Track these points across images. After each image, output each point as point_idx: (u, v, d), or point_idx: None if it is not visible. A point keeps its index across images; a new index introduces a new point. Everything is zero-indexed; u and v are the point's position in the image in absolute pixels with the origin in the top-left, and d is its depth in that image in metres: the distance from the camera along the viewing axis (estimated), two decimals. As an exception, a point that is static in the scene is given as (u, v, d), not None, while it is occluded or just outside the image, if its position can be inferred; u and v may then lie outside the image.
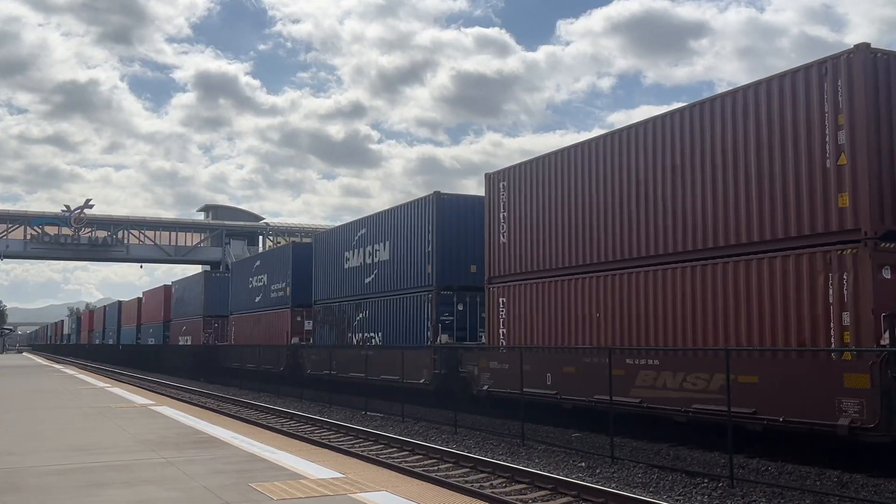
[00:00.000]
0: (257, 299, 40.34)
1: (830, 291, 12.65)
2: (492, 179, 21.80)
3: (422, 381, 23.28)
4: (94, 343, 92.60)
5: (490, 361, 20.59)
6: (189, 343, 51.08)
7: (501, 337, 20.83)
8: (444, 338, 23.41)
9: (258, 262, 41.53)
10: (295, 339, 34.33)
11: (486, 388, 20.40)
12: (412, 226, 26.03)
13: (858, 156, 12.49)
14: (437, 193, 24.66)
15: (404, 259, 26.27)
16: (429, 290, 24.57)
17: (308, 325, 34.64)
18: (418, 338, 24.75)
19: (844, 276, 12.47)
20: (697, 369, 14.57)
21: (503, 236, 21.21)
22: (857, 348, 12.09)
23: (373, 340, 27.43)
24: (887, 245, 12.25)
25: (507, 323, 20.67)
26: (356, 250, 29.90)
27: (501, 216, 21.31)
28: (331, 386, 27.13)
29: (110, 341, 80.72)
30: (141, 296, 69.94)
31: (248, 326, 41.41)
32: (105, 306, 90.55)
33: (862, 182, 12.41)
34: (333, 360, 28.61)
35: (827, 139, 12.95)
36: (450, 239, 24.53)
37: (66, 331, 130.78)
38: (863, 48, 12.58)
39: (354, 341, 28.93)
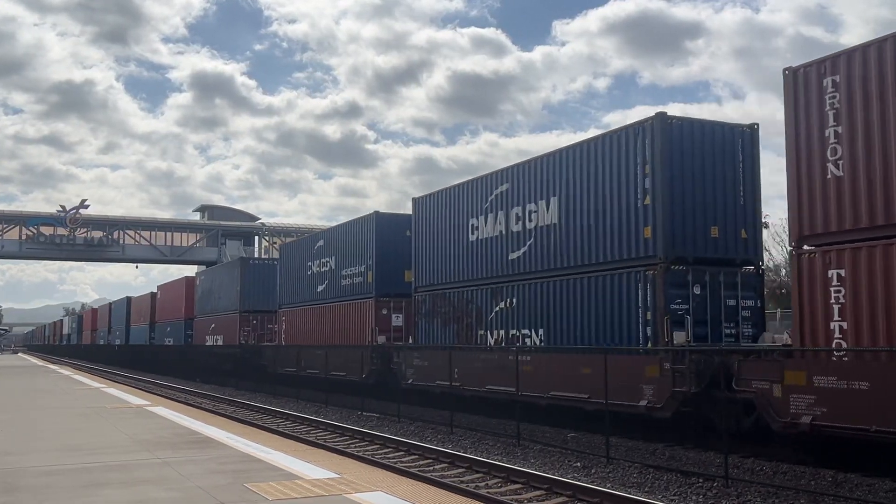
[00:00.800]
0: (320, 288, 31.67)
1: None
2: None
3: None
4: (97, 343, 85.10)
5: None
6: (220, 343, 42.90)
7: (837, 335, 12.45)
8: (679, 337, 15.53)
9: (321, 243, 32.25)
10: (382, 339, 26.59)
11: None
12: (610, 165, 17.35)
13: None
14: (660, 114, 16.33)
15: (592, 219, 17.77)
16: (647, 263, 16.21)
17: (397, 320, 26.92)
18: (620, 335, 16.67)
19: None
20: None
21: (832, 163, 12.93)
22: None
23: (527, 340, 19.56)
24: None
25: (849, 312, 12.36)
26: (492, 215, 21.45)
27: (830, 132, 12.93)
28: (451, 403, 20.07)
29: (117, 342, 72.98)
30: (155, 290, 61.95)
31: (307, 323, 32.63)
32: (111, 303, 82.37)
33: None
34: (455, 368, 21.13)
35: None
36: (681, 180, 16.15)
37: (65, 330, 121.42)
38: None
39: (490, 341, 21.17)
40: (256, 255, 73.74)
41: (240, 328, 39.87)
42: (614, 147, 17.22)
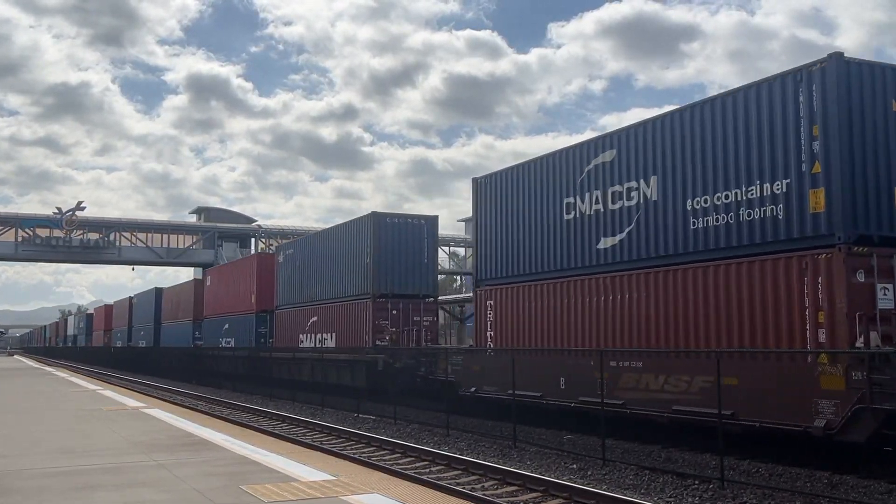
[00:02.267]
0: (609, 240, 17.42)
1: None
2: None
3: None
4: (114, 345, 72.21)
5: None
6: (328, 345, 29.67)
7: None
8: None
9: (610, 152, 17.67)
10: None
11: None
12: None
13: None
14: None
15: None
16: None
17: None
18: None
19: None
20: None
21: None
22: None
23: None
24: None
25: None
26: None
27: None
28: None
29: (143, 343, 60.01)
30: (201, 277, 50.86)
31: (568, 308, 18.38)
32: (131, 297, 68.60)
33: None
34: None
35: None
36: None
37: (71, 331, 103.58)
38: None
39: None
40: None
41: (373, 322, 26.55)
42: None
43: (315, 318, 31.39)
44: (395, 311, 26.86)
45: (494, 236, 21.71)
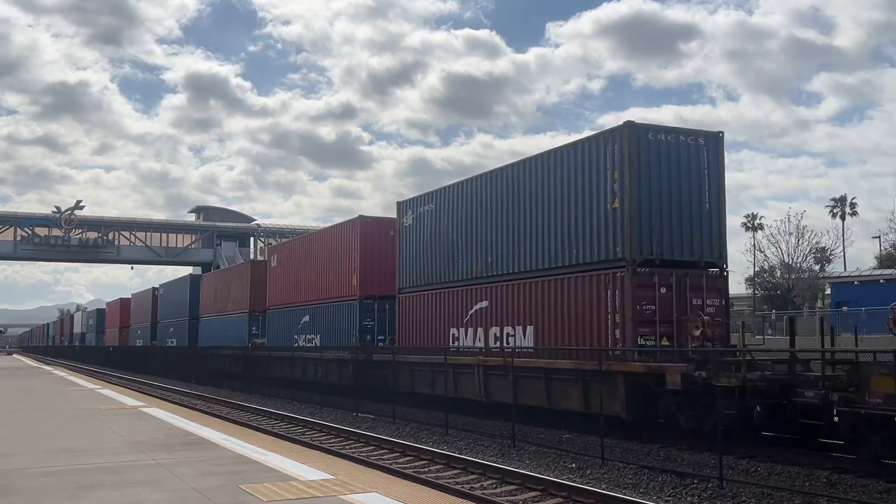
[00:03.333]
0: None
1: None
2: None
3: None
4: (133, 344, 63.43)
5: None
6: (529, 345, 19.26)
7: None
8: None
9: None
10: None
11: None
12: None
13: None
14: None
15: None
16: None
17: None
18: None
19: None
20: None
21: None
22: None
23: None
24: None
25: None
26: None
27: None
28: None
29: (171, 342, 51.29)
30: (264, 257, 43.88)
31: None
32: (156, 288, 58.49)
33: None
34: None
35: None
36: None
37: (78, 329, 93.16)
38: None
39: None
40: (253, 258, 70.25)
41: (633, 306, 16.34)
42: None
43: (483, 305, 21.12)
44: (663, 289, 16.61)
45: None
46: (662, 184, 16.95)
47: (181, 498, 8.55)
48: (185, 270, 78.10)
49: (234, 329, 40.13)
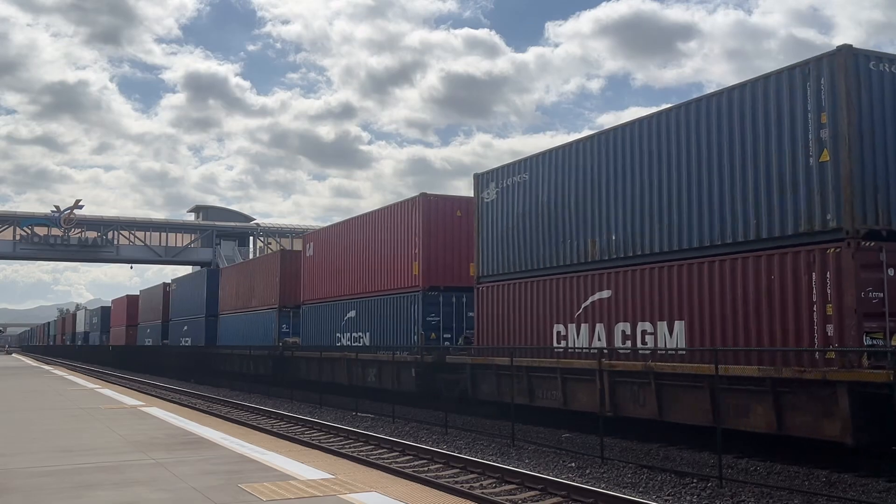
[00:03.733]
0: None
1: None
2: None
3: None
4: (143, 344, 59.10)
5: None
6: (681, 344, 14.99)
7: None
8: None
9: None
10: None
11: None
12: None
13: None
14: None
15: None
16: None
17: None
18: None
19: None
20: None
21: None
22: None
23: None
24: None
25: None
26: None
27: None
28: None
29: (185, 341, 47.44)
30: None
31: None
32: (167, 284, 53.83)
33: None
34: None
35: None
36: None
37: (81, 327, 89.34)
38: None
39: None
40: (252, 257, 70.46)
41: (856, 291, 12.20)
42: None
43: (605, 295, 17.06)
44: (893, 270, 12.63)
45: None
46: (890, 131, 12.78)
47: (181, 497, 8.55)
48: (185, 270, 78.09)
49: (259, 326, 37.09)
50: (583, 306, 17.37)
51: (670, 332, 15.21)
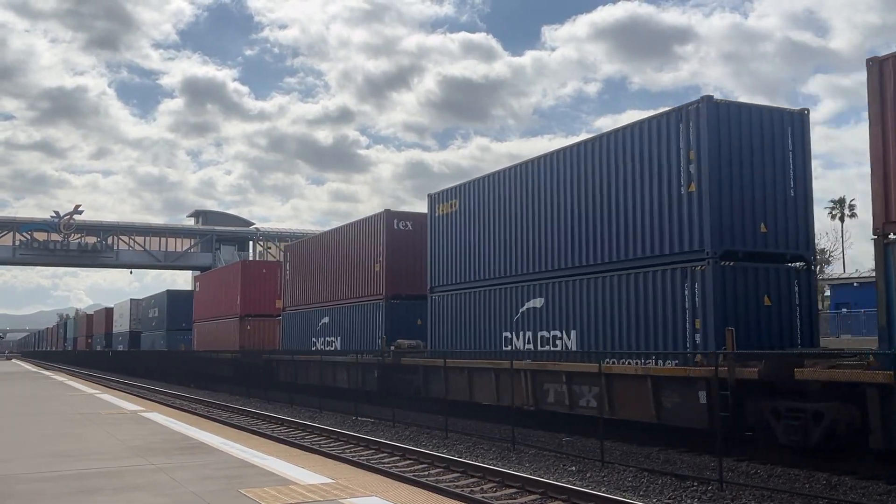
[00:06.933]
0: None
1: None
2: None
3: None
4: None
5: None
6: None
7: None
8: None
9: None
10: None
11: None
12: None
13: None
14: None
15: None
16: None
17: None
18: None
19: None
20: None
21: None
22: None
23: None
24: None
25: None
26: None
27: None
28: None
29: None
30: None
31: None
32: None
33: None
34: None
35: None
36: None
37: (124, 327, 68.78)
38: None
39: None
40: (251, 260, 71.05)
41: None
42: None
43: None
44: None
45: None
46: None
47: (181, 502, 8.54)
48: (185, 274, 78.16)
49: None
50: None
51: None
